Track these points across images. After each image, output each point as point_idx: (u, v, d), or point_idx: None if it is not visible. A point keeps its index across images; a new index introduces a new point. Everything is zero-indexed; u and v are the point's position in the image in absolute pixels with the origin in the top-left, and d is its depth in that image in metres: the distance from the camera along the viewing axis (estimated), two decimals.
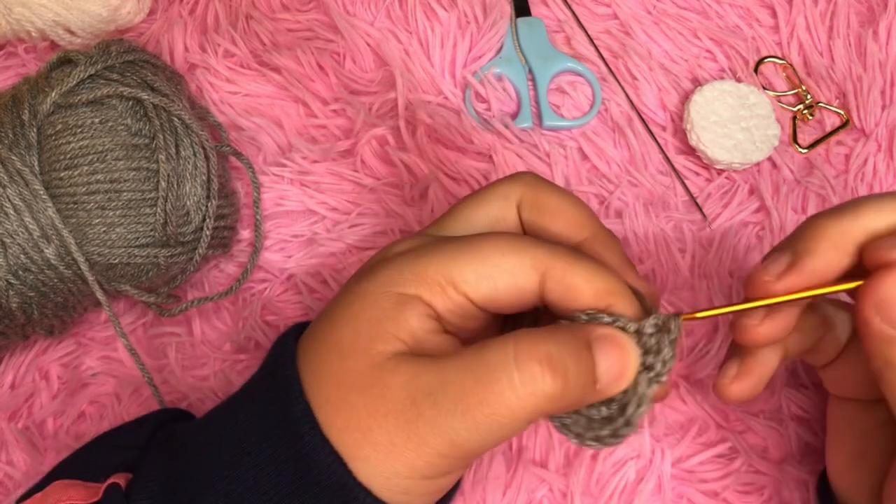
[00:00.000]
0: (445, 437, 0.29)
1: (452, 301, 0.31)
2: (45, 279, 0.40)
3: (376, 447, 0.30)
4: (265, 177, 0.49)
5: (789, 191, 0.48)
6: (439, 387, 0.30)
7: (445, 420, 0.29)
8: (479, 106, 0.51)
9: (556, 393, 0.29)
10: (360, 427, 0.30)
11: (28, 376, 0.46)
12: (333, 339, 0.32)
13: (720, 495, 0.42)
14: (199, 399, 0.45)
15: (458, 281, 0.31)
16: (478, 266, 0.31)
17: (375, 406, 0.30)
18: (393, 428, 0.30)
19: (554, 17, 0.54)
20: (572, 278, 0.31)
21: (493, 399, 0.29)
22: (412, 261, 0.32)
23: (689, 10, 0.53)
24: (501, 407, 0.29)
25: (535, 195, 0.35)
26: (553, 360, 0.29)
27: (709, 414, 0.43)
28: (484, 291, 0.31)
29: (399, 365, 0.30)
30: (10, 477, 0.44)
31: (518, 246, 0.32)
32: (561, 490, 0.41)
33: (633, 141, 0.50)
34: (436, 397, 0.29)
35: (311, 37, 0.53)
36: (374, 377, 0.30)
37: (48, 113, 0.41)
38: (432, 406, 0.29)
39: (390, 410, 0.30)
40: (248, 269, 0.47)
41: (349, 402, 0.30)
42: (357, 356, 0.31)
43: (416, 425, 0.30)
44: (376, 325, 0.31)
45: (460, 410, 0.29)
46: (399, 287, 0.31)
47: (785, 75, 0.52)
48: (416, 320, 0.31)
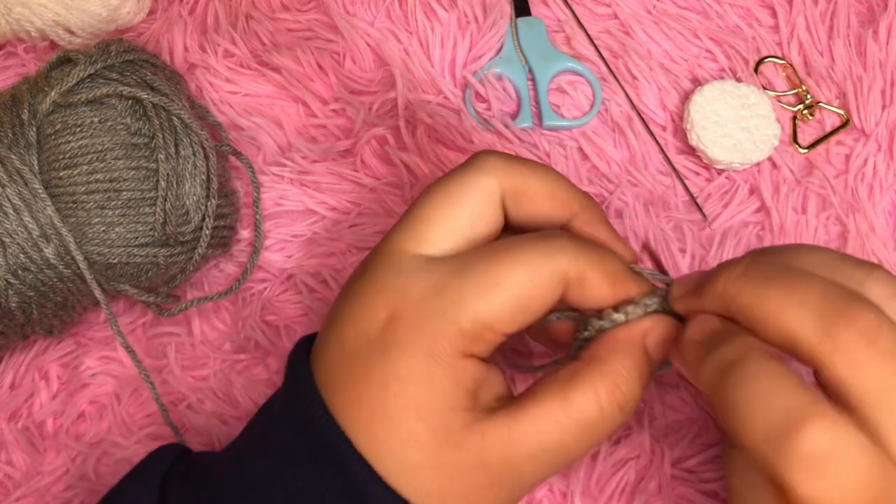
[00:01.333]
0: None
1: (492, 343, 0.32)
2: (45, 279, 0.40)
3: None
4: (265, 176, 0.49)
5: (789, 191, 0.48)
6: (539, 449, 0.32)
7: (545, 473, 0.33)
8: (479, 106, 0.51)
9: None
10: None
11: (28, 376, 0.46)
12: (393, 413, 0.31)
13: (720, 495, 0.42)
14: (199, 399, 0.45)
15: (496, 324, 0.31)
16: (512, 303, 0.31)
17: (477, 482, 0.31)
18: (498, 498, 0.32)
19: (554, 17, 0.54)
20: (592, 275, 0.33)
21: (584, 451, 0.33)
22: (441, 311, 0.31)
23: (689, 10, 0.53)
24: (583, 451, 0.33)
25: (513, 184, 0.34)
26: (628, 399, 0.32)
27: (709, 414, 0.43)
28: (520, 323, 0.32)
29: (484, 431, 0.31)
30: (10, 477, 0.44)
31: (542, 264, 0.32)
32: (561, 490, 0.41)
33: (633, 141, 0.50)
34: (536, 460, 0.32)
35: (311, 37, 0.53)
36: (465, 453, 0.31)
37: (48, 112, 0.41)
38: (532, 466, 0.32)
39: (493, 481, 0.31)
40: (248, 268, 0.47)
41: (453, 489, 0.31)
42: (432, 430, 0.31)
43: (520, 488, 0.32)
44: (442, 409, 0.31)
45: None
46: (442, 357, 0.31)
47: (785, 75, 0.52)
48: (470, 378, 0.32)
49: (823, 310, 0.28)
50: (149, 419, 0.45)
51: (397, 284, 0.32)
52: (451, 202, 0.34)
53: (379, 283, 0.33)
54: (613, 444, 0.42)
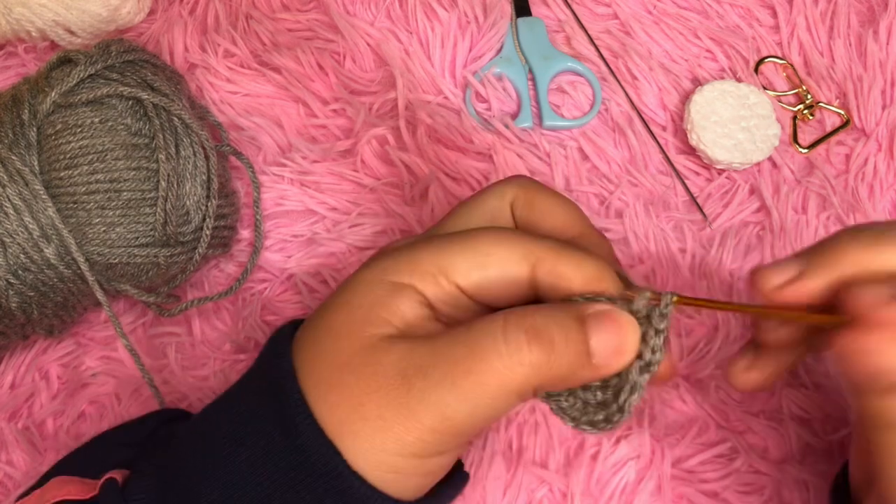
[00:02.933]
0: (435, 410, 0.30)
1: (444, 290, 0.32)
2: (45, 279, 0.40)
3: (366, 422, 0.30)
4: (265, 177, 0.49)
5: (789, 191, 0.48)
6: (430, 360, 0.30)
7: (435, 391, 0.30)
8: (479, 106, 0.51)
9: (542, 362, 0.30)
10: (352, 402, 0.31)
11: (28, 376, 0.46)
12: (327, 323, 0.33)
13: (720, 495, 0.42)
14: (199, 399, 0.45)
15: (450, 270, 0.32)
16: (469, 256, 0.32)
17: (367, 382, 0.31)
18: (383, 402, 0.30)
19: (554, 17, 0.54)
20: (562, 267, 0.32)
21: (480, 367, 0.30)
22: (407, 252, 0.33)
23: (690, 10, 0.53)
24: (489, 375, 0.30)
25: (527, 195, 0.35)
26: (539, 330, 0.30)
27: (709, 414, 0.43)
28: (475, 280, 0.32)
29: (392, 345, 0.31)
30: (10, 477, 0.44)
31: (509, 237, 0.33)
32: (561, 490, 0.41)
33: (633, 141, 0.50)
34: (426, 370, 0.30)
35: (311, 37, 0.53)
36: (368, 356, 0.31)
37: (48, 112, 0.41)
38: (423, 378, 0.30)
39: (381, 385, 0.30)
40: (248, 268, 0.47)
41: (342, 380, 0.31)
42: (350, 338, 0.31)
43: (407, 399, 0.30)
44: (369, 310, 0.32)
45: (449, 381, 0.30)
46: (393, 276, 0.32)
47: (785, 75, 0.52)
48: (408, 308, 0.32)
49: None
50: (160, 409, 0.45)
51: (380, 252, 0.35)
52: (469, 200, 0.36)
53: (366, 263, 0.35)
54: (613, 444, 0.42)
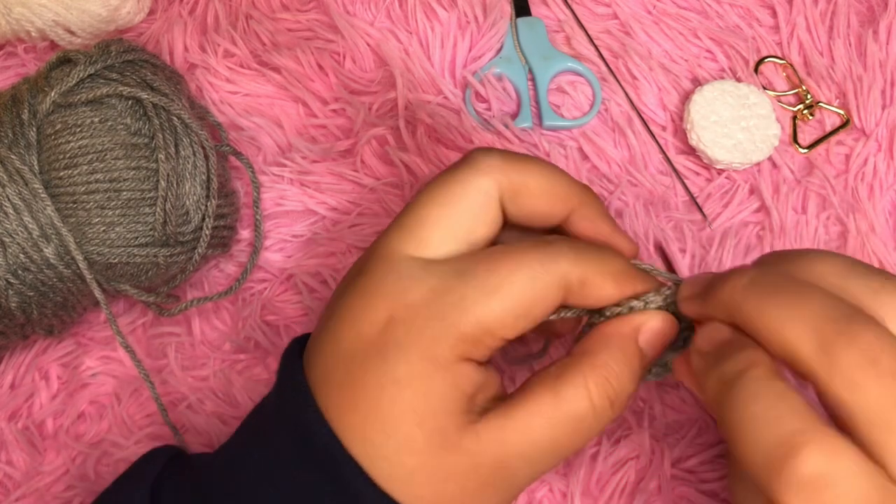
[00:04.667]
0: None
1: (491, 348, 0.32)
2: (45, 279, 0.40)
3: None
4: (265, 177, 0.49)
5: (789, 191, 0.48)
6: (530, 448, 0.31)
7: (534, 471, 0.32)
8: (479, 106, 0.51)
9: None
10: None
11: (28, 376, 0.46)
12: (388, 419, 0.31)
13: (720, 495, 0.42)
14: (199, 399, 0.45)
15: (497, 328, 0.31)
16: (512, 307, 0.31)
17: (470, 484, 0.31)
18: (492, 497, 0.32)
19: (554, 17, 0.54)
20: (593, 276, 0.32)
21: (576, 442, 0.32)
22: (441, 315, 0.31)
23: (689, 10, 0.53)
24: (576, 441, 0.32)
25: (511, 183, 0.34)
26: (619, 394, 0.32)
27: (709, 414, 0.43)
28: (521, 328, 0.32)
29: (479, 434, 0.31)
30: (10, 477, 0.44)
31: (544, 268, 0.32)
32: (561, 490, 0.41)
33: (633, 141, 0.50)
34: (530, 458, 0.32)
35: (311, 37, 0.53)
36: (460, 456, 0.31)
37: (48, 112, 0.41)
38: (528, 466, 0.32)
39: (485, 482, 0.31)
40: (248, 268, 0.47)
41: (447, 492, 0.31)
42: (427, 434, 0.31)
43: (512, 484, 0.32)
44: (439, 413, 0.31)
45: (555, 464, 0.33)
46: (442, 361, 0.31)
47: (785, 75, 0.52)
48: (469, 385, 0.31)
49: (823, 327, 0.27)
50: (149, 419, 0.45)
51: (397, 287, 0.32)
52: (448, 204, 0.33)
53: (377, 286, 0.32)
54: (613, 444, 0.42)
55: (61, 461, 0.44)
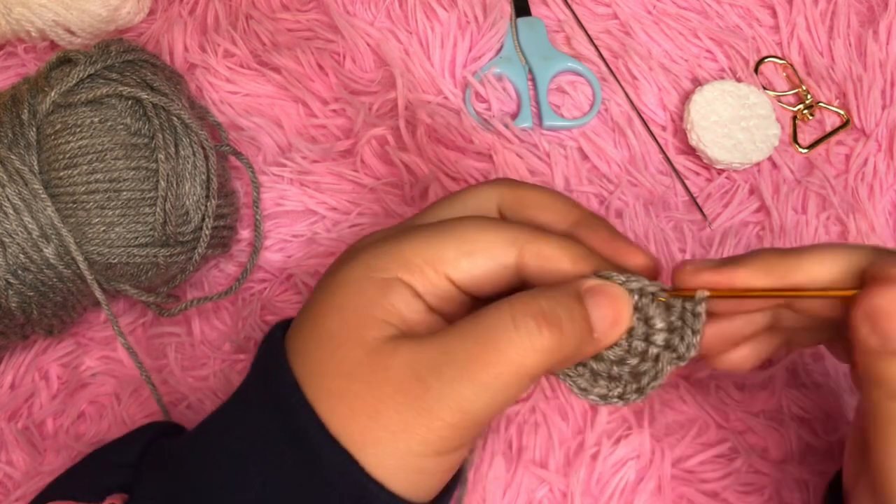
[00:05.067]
0: (455, 406, 0.30)
1: (432, 282, 0.32)
2: (45, 279, 0.40)
3: (386, 428, 0.30)
4: (265, 177, 0.49)
5: (789, 191, 0.48)
6: (442, 358, 0.30)
7: (452, 388, 0.30)
8: (479, 106, 0.51)
9: (554, 345, 0.31)
10: (367, 412, 0.30)
11: (28, 376, 0.46)
12: (322, 331, 0.32)
13: (720, 495, 0.42)
14: (199, 399, 0.45)
15: (438, 260, 0.32)
16: (456, 244, 0.32)
17: (381, 388, 0.30)
18: (402, 407, 0.30)
19: (554, 16, 0.54)
20: (549, 249, 0.32)
21: (495, 358, 0.30)
22: (390, 245, 0.32)
23: (689, 10, 0.53)
24: (504, 365, 0.30)
25: (515, 194, 0.35)
26: (547, 313, 0.31)
27: (709, 414, 0.43)
28: (464, 269, 0.32)
29: (397, 347, 0.31)
30: (10, 477, 0.44)
31: (493, 223, 0.33)
32: (561, 490, 0.41)
33: (633, 141, 0.50)
34: (440, 369, 0.30)
35: (311, 37, 0.53)
36: (374, 362, 0.31)
37: (47, 112, 0.41)
38: (438, 378, 0.30)
39: (396, 390, 0.30)
40: (248, 268, 0.47)
41: (352, 390, 0.31)
42: (350, 344, 0.31)
43: (425, 399, 0.30)
44: (364, 312, 0.31)
45: (466, 376, 0.30)
46: (379, 272, 0.32)
47: (785, 75, 0.52)
48: (402, 303, 0.32)
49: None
50: (149, 419, 0.45)
51: (365, 240, 0.34)
52: (451, 203, 0.35)
53: (349, 250, 0.35)
54: (613, 444, 0.42)
55: (61, 461, 0.44)
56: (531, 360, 0.30)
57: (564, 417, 0.42)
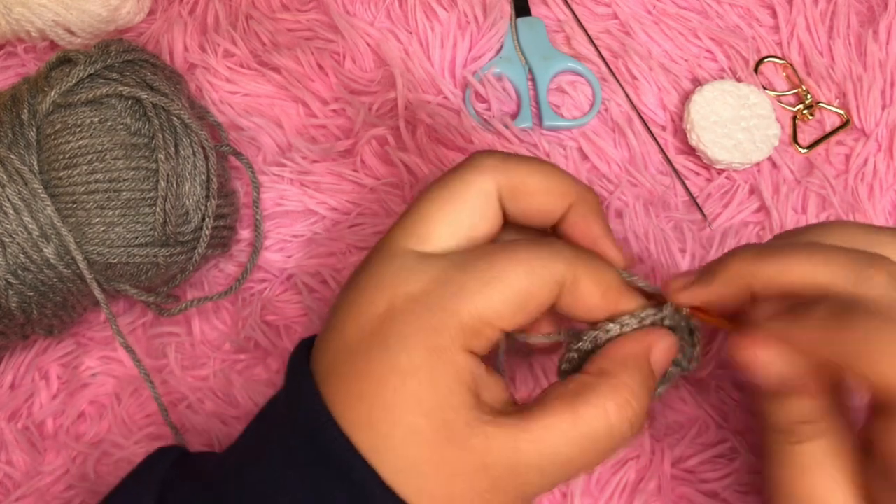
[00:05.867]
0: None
1: (489, 340, 0.32)
2: (45, 279, 0.40)
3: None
4: (265, 177, 0.49)
5: (789, 191, 0.48)
6: (548, 464, 0.31)
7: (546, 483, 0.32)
8: (479, 106, 0.51)
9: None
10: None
11: (28, 376, 0.46)
12: (395, 414, 0.31)
13: (720, 495, 0.42)
14: (199, 399, 0.45)
15: (494, 319, 0.31)
16: (511, 300, 0.32)
17: (477, 485, 0.31)
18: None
19: (554, 17, 0.54)
20: (584, 286, 0.33)
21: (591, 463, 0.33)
22: (442, 304, 0.31)
23: (689, 10, 0.53)
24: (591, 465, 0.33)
25: (510, 183, 0.34)
26: (638, 415, 0.32)
27: (709, 414, 0.43)
28: (517, 323, 0.32)
29: (489, 439, 0.31)
30: (10, 477, 0.44)
31: (540, 267, 0.32)
32: (561, 490, 0.41)
33: (633, 141, 0.50)
34: (543, 471, 0.31)
35: (311, 37, 0.53)
36: (467, 454, 0.31)
37: (47, 112, 0.41)
38: (539, 476, 0.31)
39: (495, 485, 0.31)
40: (248, 268, 0.47)
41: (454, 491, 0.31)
42: (434, 426, 0.31)
43: (529, 494, 0.32)
44: (441, 395, 0.31)
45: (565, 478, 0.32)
46: (439, 340, 0.31)
47: (785, 75, 0.52)
48: (468, 375, 0.31)
49: (850, 263, 0.30)
50: (149, 419, 0.45)
51: (397, 278, 0.32)
52: (449, 202, 0.34)
53: (378, 278, 0.33)
54: None
55: (61, 461, 0.44)
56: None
57: None
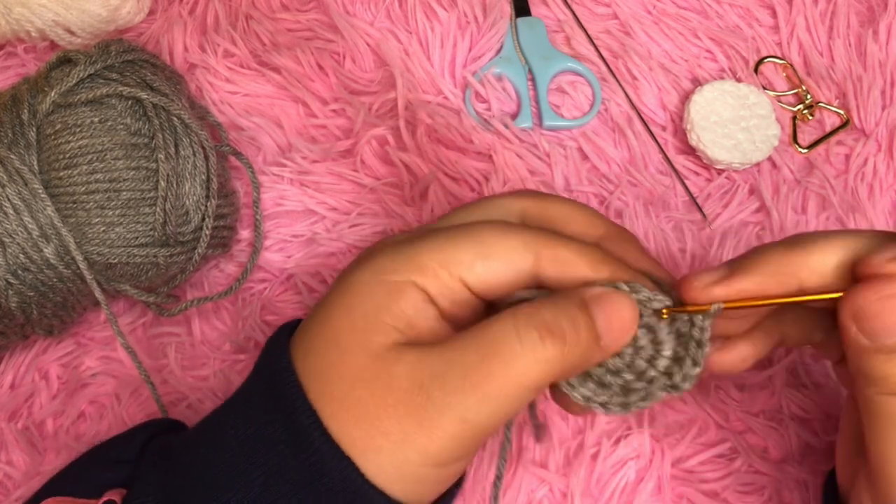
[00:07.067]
0: (456, 416, 0.30)
1: (447, 285, 0.31)
2: (45, 279, 0.40)
3: (387, 436, 0.30)
4: (265, 177, 0.49)
5: (789, 191, 0.48)
6: (445, 368, 0.30)
7: (455, 399, 0.30)
8: (479, 106, 0.51)
9: (557, 356, 0.30)
10: (369, 418, 0.30)
11: (28, 376, 0.46)
12: (329, 333, 0.32)
13: (720, 495, 0.42)
14: (199, 399, 0.45)
15: (452, 263, 0.31)
16: (471, 247, 0.31)
17: (383, 396, 0.30)
18: (403, 416, 0.30)
19: (554, 17, 0.54)
20: (566, 253, 0.32)
21: (498, 370, 0.30)
22: (404, 248, 0.32)
23: (689, 10, 0.53)
24: (507, 377, 0.30)
25: (539, 206, 0.35)
26: (550, 324, 0.30)
27: (709, 414, 0.43)
28: (479, 273, 0.31)
29: (402, 354, 0.30)
30: (10, 477, 0.44)
31: (511, 227, 0.32)
32: (561, 490, 0.41)
33: (633, 141, 0.50)
34: (443, 378, 0.30)
35: (311, 37, 0.53)
36: (378, 368, 0.30)
37: (47, 112, 0.41)
38: (440, 387, 0.30)
39: (399, 399, 0.30)
40: (248, 269, 0.47)
41: (354, 395, 0.30)
42: (357, 349, 0.31)
43: (426, 409, 0.30)
44: (372, 316, 0.31)
45: (468, 386, 0.30)
46: (392, 275, 0.31)
47: (785, 75, 0.52)
48: (411, 308, 0.31)
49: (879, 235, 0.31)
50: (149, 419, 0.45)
51: (378, 244, 0.34)
52: (466, 207, 0.35)
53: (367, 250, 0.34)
54: (613, 444, 0.42)
55: (61, 461, 0.44)
56: (534, 372, 0.30)
57: (564, 417, 0.42)
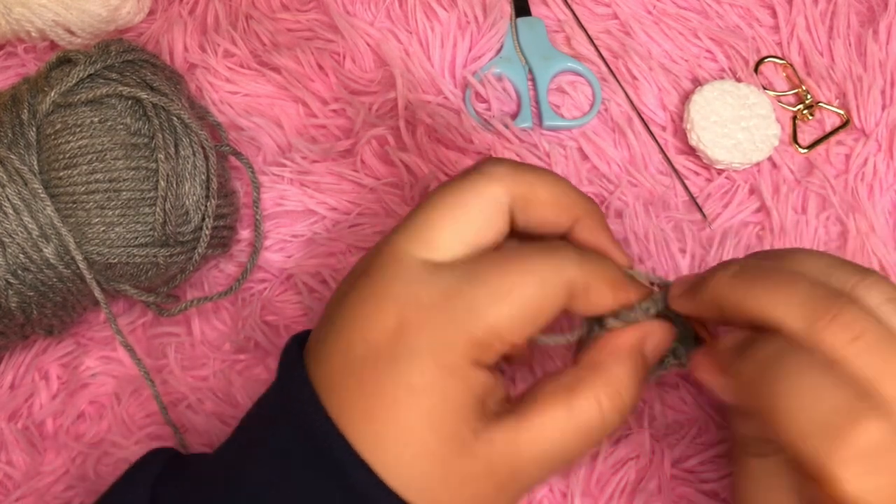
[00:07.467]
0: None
1: (498, 353, 0.32)
2: (45, 279, 0.40)
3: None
4: (265, 177, 0.49)
5: (789, 191, 0.48)
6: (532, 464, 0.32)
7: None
8: (479, 106, 0.51)
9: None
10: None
11: (27, 376, 0.46)
12: (392, 415, 0.31)
13: (720, 495, 0.42)
14: (199, 399, 0.45)
15: (505, 333, 0.32)
16: (522, 312, 0.32)
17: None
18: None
19: (554, 17, 0.54)
20: (595, 288, 0.33)
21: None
22: (453, 320, 0.31)
23: (689, 10, 0.53)
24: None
25: (521, 193, 0.34)
26: (627, 406, 0.33)
27: (709, 414, 0.43)
28: (528, 334, 0.32)
29: (487, 432, 0.32)
30: (10, 477, 0.44)
31: (551, 276, 0.32)
32: (561, 490, 0.41)
33: (633, 141, 0.50)
34: (541, 465, 0.33)
35: (311, 37, 0.53)
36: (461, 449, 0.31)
37: (47, 112, 0.41)
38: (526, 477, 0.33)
39: (500, 487, 0.32)
40: (248, 269, 0.47)
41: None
42: (443, 441, 0.31)
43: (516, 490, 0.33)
44: (452, 411, 0.31)
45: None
46: (452, 356, 0.31)
47: (785, 75, 0.52)
48: (480, 390, 0.32)
49: (808, 306, 0.29)
50: (149, 419, 0.45)
51: (407, 291, 0.32)
52: (459, 208, 0.33)
53: (385, 288, 0.32)
54: (613, 444, 0.42)
55: (61, 461, 0.44)
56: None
57: None
